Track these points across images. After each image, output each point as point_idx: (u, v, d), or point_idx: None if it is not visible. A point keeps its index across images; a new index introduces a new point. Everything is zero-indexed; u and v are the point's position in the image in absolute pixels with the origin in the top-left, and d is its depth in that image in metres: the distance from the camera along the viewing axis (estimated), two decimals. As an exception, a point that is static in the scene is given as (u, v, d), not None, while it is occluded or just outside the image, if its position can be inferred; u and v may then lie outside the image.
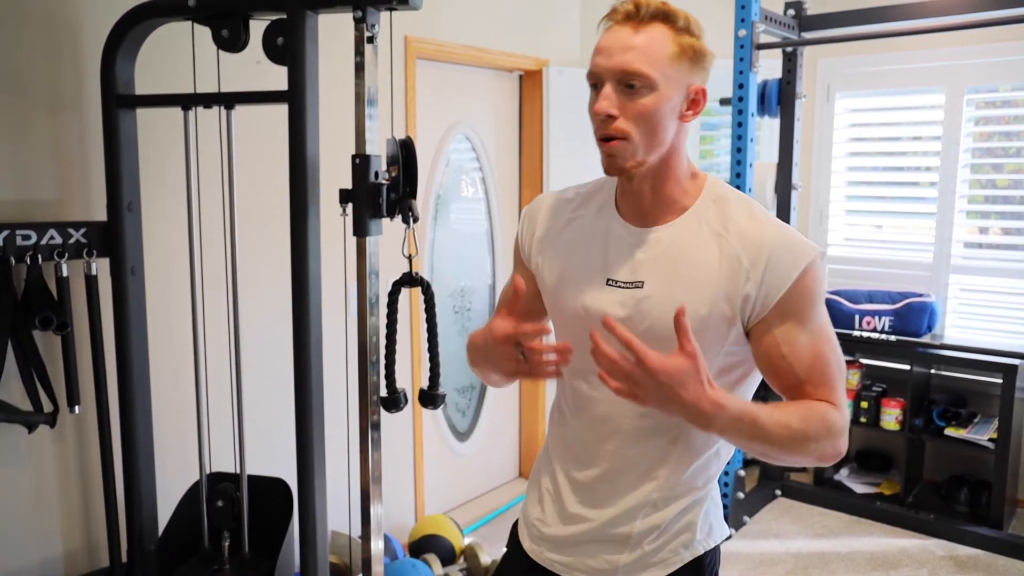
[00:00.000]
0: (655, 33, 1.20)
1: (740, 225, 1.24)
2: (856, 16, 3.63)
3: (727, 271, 1.22)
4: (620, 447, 1.31)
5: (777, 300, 1.20)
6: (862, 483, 4.04)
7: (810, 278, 1.21)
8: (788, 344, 1.21)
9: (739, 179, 3.51)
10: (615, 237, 1.31)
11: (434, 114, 3.48)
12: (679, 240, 1.26)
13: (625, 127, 1.21)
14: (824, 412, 1.19)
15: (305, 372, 1.95)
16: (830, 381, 1.22)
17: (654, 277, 1.26)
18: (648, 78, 1.19)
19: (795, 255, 1.20)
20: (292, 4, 1.86)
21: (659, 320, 1.23)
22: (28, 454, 2.16)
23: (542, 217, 1.42)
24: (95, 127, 2.14)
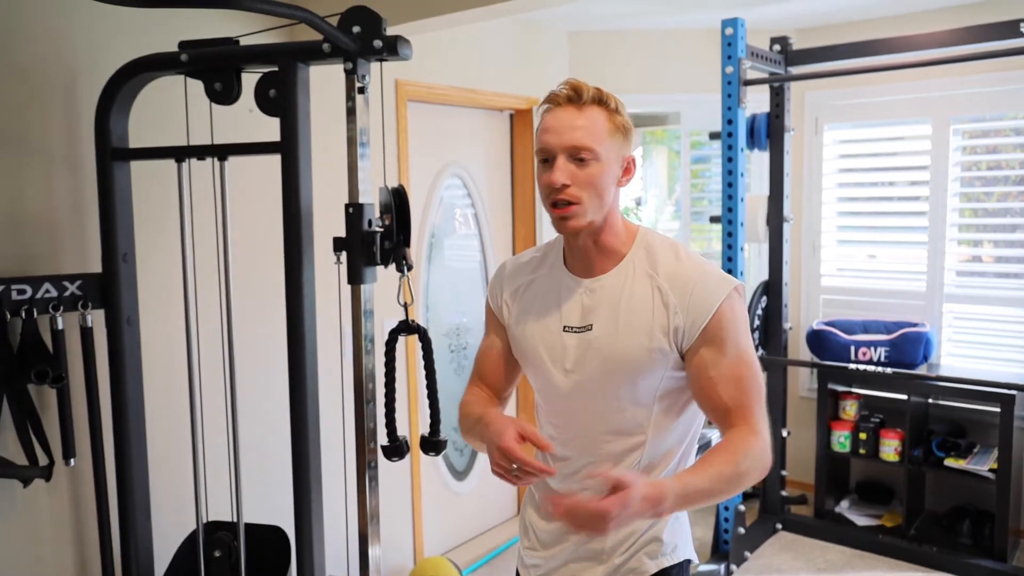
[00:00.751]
0: (594, 114, 1.41)
1: (667, 267, 1.44)
2: (841, 51, 3.68)
3: (659, 307, 1.42)
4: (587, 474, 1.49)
5: (702, 328, 1.39)
6: (863, 515, 4.02)
7: (730, 307, 1.41)
8: (713, 367, 1.40)
9: (731, 212, 3.53)
10: (566, 289, 1.51)
11: (426, 155, 3.52)
12: (618, 285, 1.46)
13: (577, 193, 1.40)
14: (747, 446, 1.37)
15: (301, 418, 1.95)
16: (750, 402, 1.40)
17: (600, 319, 1.46)
18: (594, 151, 1.39)
19: (714, 289, 1.41)
20: (284, 57, 1.88)
21: (610, 355, 1.43)
22: (23, 507, 2.14)
23: (507, 282, 1.63)
24: (90, 180, 2.15)
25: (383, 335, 2.00)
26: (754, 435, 1.38)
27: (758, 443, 1.38)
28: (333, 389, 2.26)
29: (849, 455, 3.98)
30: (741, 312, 1.43)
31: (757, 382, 1.42)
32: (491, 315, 1.66)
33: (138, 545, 2.17)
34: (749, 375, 1.41)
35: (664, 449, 1.48)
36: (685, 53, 4.28)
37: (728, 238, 3.55)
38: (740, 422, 1.39)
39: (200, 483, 2.18)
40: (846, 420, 4.00)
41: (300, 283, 1.92)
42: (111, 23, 2.27)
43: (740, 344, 1.42)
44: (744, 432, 1.38)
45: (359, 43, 1.84)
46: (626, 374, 1.42)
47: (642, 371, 1.42)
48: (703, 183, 4.53)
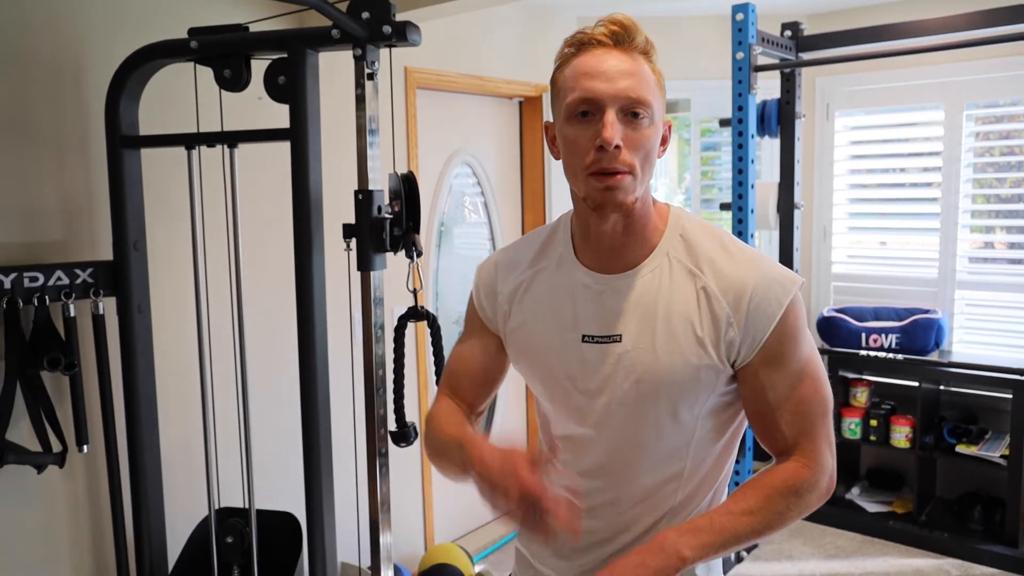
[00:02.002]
0: (641, 62, 1.12)
1: (716, 265, 1.16)
2: (853, 36, 3.65)
3: (707, 315, 1.14)
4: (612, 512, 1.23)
5: (761, 345, 1.13)
6: (874, 502, 4.01)
7: (793, 315, 1.15)
8: (772, 389, 1.15)
9: (741, 200, 3.52)
10: (581, 287, 1.21)
11: (436, 142, 3.51)
12: (652, 284, 1.17)
13: (631, 160, 1.10)
14: (783, 479, 1.13)
15: (312, 405, 1.96)
16: (812, 427, 1.16)
17: (631, 328, 1.16)
18: (651, 108, 1.10)
19: (777, 294, 1.14)
20: (293, 44, 1.88)
21: (646, 374, 1.15)
22: (37, 494, 2.16)
23: (502, 280, 1.30)
24: (100, 168, 2.16)
25: (392, 322, 2.00)
26: (807, 467, 1.15)
27: (810, 475, 1.14)
28: (343, 376, 2.26)
29: (860, 442, 3.97)
30: (802, 314, 1.17)
31: (821, 400, 1.17)
32: (475, 318, 1.35)
33: (151, 531, 2.19)
34: (812, 393, 1.16)
35: (702, 474, 1.23)
36: (695, 39, 4.26)
37: (739, 225, 3.54)
38: (796, 452, 1.16)
39: (212, 469, 2.20)
40: (857, 407, 3.98)
41: (310, 270, 1.93)
42: (120, 11, 2.27)
43: (803, 355, 1.16)
44: (793, 464, 1.15)
45: (368, 29, 1.84)
46: (667, 395, 1.15)
47: (687, 391, 1.15)
48: (713, 170, 4.51)
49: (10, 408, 2.00)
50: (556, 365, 1.22)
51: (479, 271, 1.36)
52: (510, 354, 1.31)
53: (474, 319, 1.36)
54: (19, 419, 2.06)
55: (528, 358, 1.27)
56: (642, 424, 1.18)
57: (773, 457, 1.19)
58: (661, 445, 1.19)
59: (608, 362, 1.17)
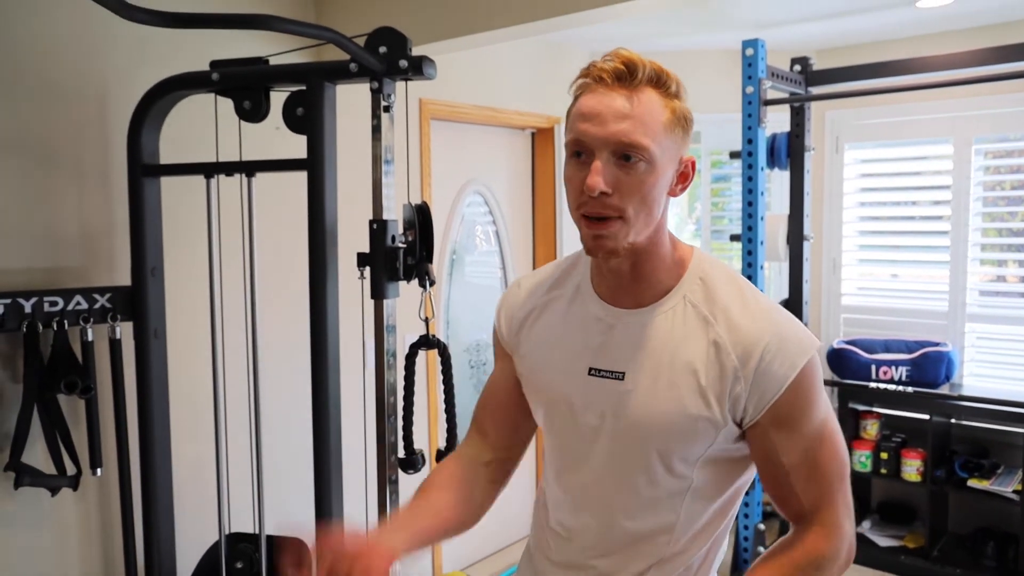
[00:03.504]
0: (649, 99, 1.07)
1: (731, 315, 1.12)
2: (862, 71, 3.69)
3: (714, 366, 1.10)
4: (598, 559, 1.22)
5: (771, 404, 1.09)
6: (885, 536, 3.98)
7: (807, 379, 1.10)
8: (785, 453, 1.11)
9: (751, 231, 3.54)
10: (593, 319, 1.19)
11: (448, 172, 3.56)
12: (663, 327, 1.14)
13: (620, 204, 1.07)
14: (804, 554, 1.11)
15: (324, 431, 1.98)
16: (829, 492, 1.13)
17: (635, 368, 1.14)
18: (647, 151, 1.06)
19: (791, 354, 1.09)
20: (312, 77, 1.93)
21: (642, 418, 1.13)
22: (50, 516, 2.18)
23: (519, 304, 1.29)
24: (120, 195, 2.21)
25: (404, 349, 2.02)
26: (826, 538, 1.11)
27: (829, 546, 1.11)
28: (355, 402, 2.28)
29: (870, 475, 3.94)
30: (818, 378, 1.12)
31: (839, 463, 1.13)
32: (498, 344, 1.34)
33: (161, 554, 2.20)
34: (829, 458, 1.12)
35: (697, 528, 1.19)
36: (705, 73, 4.31)
37: (748, 256, 3.56)
38: (814, 520, 1.12)
39: (223, 494, 2.21)
40: (867, 439, 3.96)
41: (324, 297, 1.96)
42: (143, 43, 2.33)
43: (817, 419, 1.12)
44: (812, 536, 1.12)
45: (385, 63, 1.89)
46: (661, 441, 1.13)
47: (681, 441, 1.12)
48: (723, 202, 4.54)
49: (27, 431, 2.03)
50: (560, 392, 1.21)
51: (506, 293, 1.35)
52: (522, 381, 1.29)
53: (497, 346, 1.35)
54: (35, 441, 2.08)
55: (535, 382, 1.26)
56: (633, 467, 1.16)
57: (789, 523, 1.16)
58: (652, 492, 1.16)
59: (609, 399, 1.16)
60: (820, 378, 1.13)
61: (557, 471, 1.25)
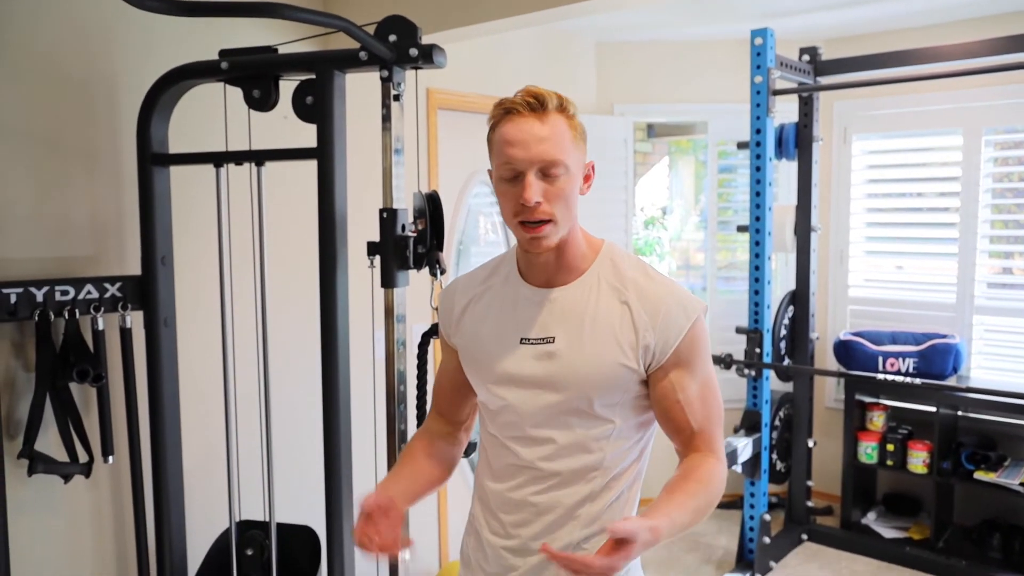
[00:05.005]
0: (556, 122, 1.31)
1: (638, 284, 1.38)
2: (871, 61, 3.68)
3: (627, 324, 1.35)
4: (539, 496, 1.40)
5: (673, 349, 1.35)
6: (890, 527, 3.99)
7: (698, 329, 1.37)
8: (682, 390, 1.36)
9: (758, 222, 3.54)
10: (523, 299, 1.42)
11: (455, 162, 3.55)
12: (582, 297, 1.38)
13: (549, 210, 1.31)
14: (711, 471, 1.35)
15: (334, 419, 1.99)
16: (712, 427, 1.39)
17: (562, 331, 1.37)
18: (564, 164, 1.31)
19: (686, 309, 1.36)
20: (321, 65, 1.93)
21: (573, 369, 1.35)
22: (63, 503, 2.19)
23: (457, 298, 1.52)
24: (130, 185, 2.21)
25: (414, 338, 2.03)
26: (719, 462, 1.38)
27: (721, 468, 1.37)
28: (365, 391, 2.29)
29: (876, 466, 3.95)
30: (706, 333, 1.40)
31: (720, 406, 1.41)
32: (442, 337, 1.58)
33: (172, 541, 2.22)
34: (713, 399, 1.40)
35: (621, 468, 1.41)
36: (713, 63, 4.30)
37: (755, 247, 3.56)
38: (704, 447, 1.37)
39: (233, 482, 2.23)
40: (873, 431, 3.97)
41: (334, 286, 1.96)
42: (152, 32, 2.33)
43: (707, 367, 1.40)
44: (711, 460, 1.37)
45: (395, 51, 1.89)
46: (589, 388, 1.35)
47: (607, 386, 1.35)
48: (729, 193, 4.53)
49: (40, 418, 2.04)
50: (496, 363, 1.42)
51: (444, 291, 1.58)
52: (460, 357, 1.50)
53: (442, 339, 1.57)
54: (47, 429, 2.09)
55: (474, 358, 1.46)
56: (566, 414, 1.37)
57: (679, 448, 1.40)
58: (584, 435, 1.37)
59: (541, 360, 1.38)
60: (706, 334, 1.40)
61: (494, 435, 1.45)
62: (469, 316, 1.49)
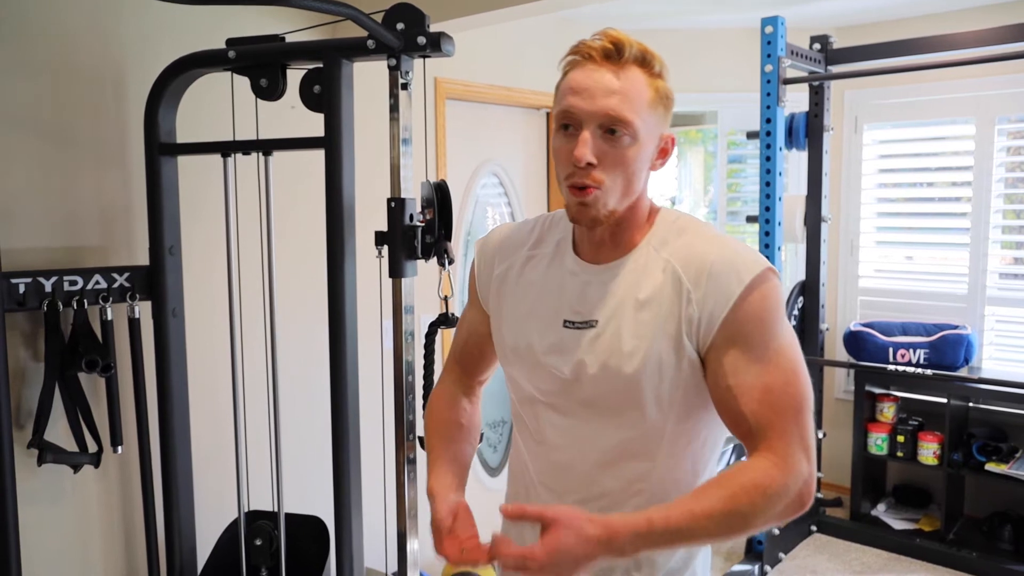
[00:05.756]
0: (634, 77, 1.13)
1: (683, 245, 1.17)
2: (882, 49, 3.64)
3: (671, 294, 1.14)
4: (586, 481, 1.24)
5: (721, 321, 1.11)
6: (900, 519, 3.97)
7: (758, 295, 1.11)
8: (734, 375, 1.11)
9: (768, 212, 3.51)
10: (570, 275, 1.25)
11: (463, 152, 3.54)
12: (630, 275, 1.19)
13: (601, 176, 1.13)
14: (754, 479, 1.07)
15: (342, 410, 1.98)
16: (780, 421, 1.09)
17: (606, 314, 1.19)
18: (632, 126, 1.12)
19: (738, 270, 1.11)
20: (328, 54, 1.92)
21: (613, 358, 1.16)
22: (73, 493, 2.20)
23: (500, 253, 1.35)
24: (138, 175, 2.21)
25: (422, 329, 2.02)
26: (777, 466, 1.07)
27: (780, 476, 1.07)
28: (373, 382, 2.29)
29: (886, 458, 3.93)
30: (774, 301, 1.13)
31: (793, 394, 1.11)
32: (473, 291, 1.41)
33: (181, 531, 2.22)
34: (782, 385, 1.10)
35: (675, 477, 1.20)
36: (723, 52, 4.26)
37: (765, 238, 3.53)
38: (764, 447, 1.09)
39: (242, 473, 2.23)
40: (883, 422, 3.95)
41: (342, 276, 1.95)
42: (160, 21, 2.32)
43: (771, 344, 1.11)
44: (764, 462, 1.08)
45: (403, 39, 1.87)
46: (632, 381, 1.15)
47: (652, 377, 1.14)
48: (739, 183, 4.50)
49: (49, 408, 2.05)
50: (537, 348, 1.24)
51: (482, 241, 1.40)
52: (494, 333, 1.34)
53: (472, 291, 1.41)
54: (56, 419, 2.10)
55: (509, 339, 1.29)
56: (609, 412, 1.18)
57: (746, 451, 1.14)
58: (629, 436, 1.18)
59: (581, 347, 1.19)
60: (776, 302, 1.14)
61: (529, 431, 1.30)
62: (511, 286, 1.31)
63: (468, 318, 1.44)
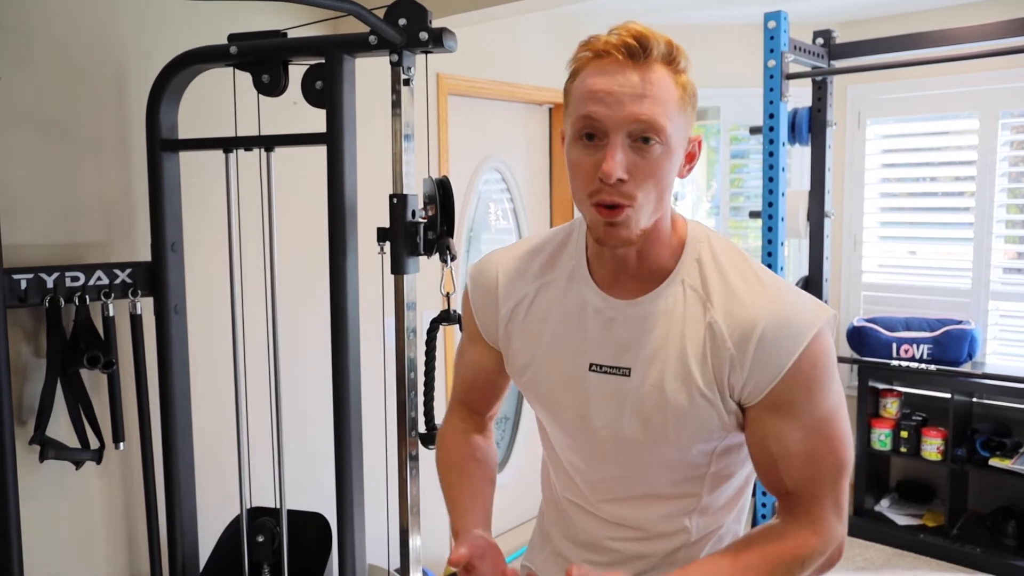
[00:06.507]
0: (661, 77, 0.99)
1: (727, 296, 1.04)
2: (885, 44, 3.62)
3: (712, 352, 1.03)
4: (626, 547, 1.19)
5: (767, 391, 1.01)
6: (904, 515, 3.96)
7: (809, 361, 1.00)
8: (777, 440, 1.03)
9: (771, 208, 3.50)
10: (593, 311, 1.11)
11: (466, 148, 3.53)
12: (664, 315, 1.06)
13: (634, 191, 0.99)
14: (793, 548, 1.03)
15: (344, 406, 1.98)
16: (818, 488, 1.04)
17: (641, 361, 1.07)
18: (664, 132, 0.98)
19: (791, 336, 1.00)
20: (330, 49, 1.91)
21: (654, 413, 1.07)
22: (74, 489, 2.20)
23: (503, 288, 1.20)
24: (140, 171, 2.20)
25: (423, 325, 2.02)
26: (816, 534, 1.03)
27: (819, 544, 1.03)
28: (375, 378, 2.29)
29: (890, 453, 3.92)
30: (824, 364, 1.02)
31: (834, 462, 1.04)
32: (472, 324, 1.27)
33: (184, 527, 2.22)
34: (824, 453, 1.03)
35: (718, 506, 1.16)
36: (725, 47, 4.25)
37: (768, 233, 3.52)
38: (801, 512, 1.04)
39: (244, 469, 2.23)
40: (887, 418, 3.94)
41: (344, 273, 1.95)
42: (161, 17, 2.31)
43: (818, 409, 1.03)
44: (803, 531, 1.03)
45: (405, 35, 1.86)
46: (676, 433, 1.06)
47: (697, 432, 1.06)
48: (741, 178, 4.49)
49: (51, 405, 2.05)
50: (563, 395, 1.14)
51: (476, 274, 1.25)
52: (512, 375, 1.24)
53: (471, 325, 1.28)
54: (58, 416, 2.10)
55: (534, 386, 1.18)
56: (650, 463, 1.11)
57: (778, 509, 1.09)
58: (671, 482, 1.12)
59: (616, 397, 1.09)
60: (827, 363, 1.03)
61: (567, 460, 1.22)
62: (522, 323, 1.18)
63: (469, 358, 1.31)
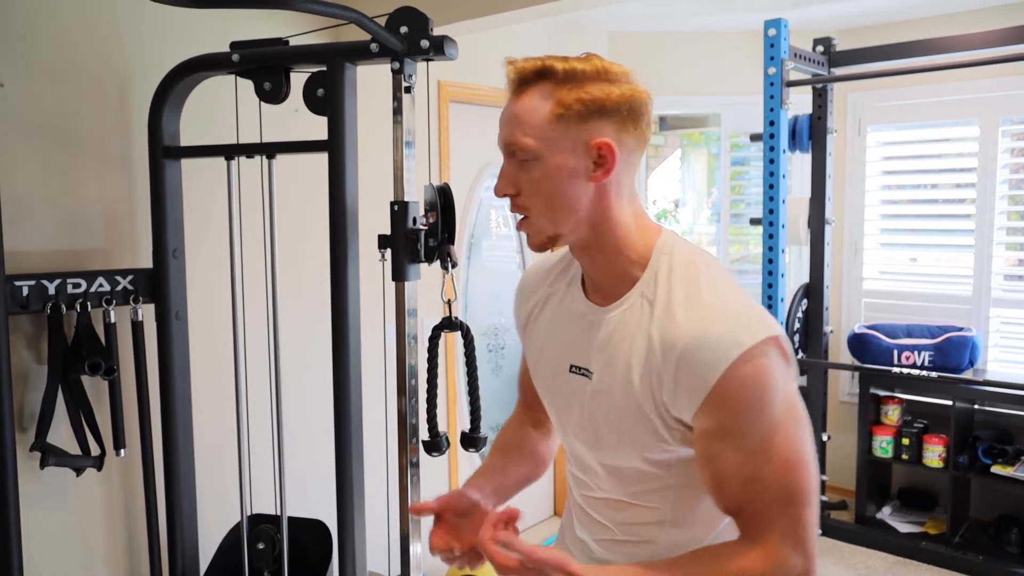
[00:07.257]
0: (532, 97, 1.06)
1: (666, 310, 1.04)
2: (885, 51, 3.63)
3: (648, 367, 1.04)
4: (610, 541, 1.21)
5: (697, 410, 1.00)
6: (906, 522, 3.95)
7: (737, 382, 0.97)
8: (714, 460, 1.01)
9: (772, 215, 3.51)
10: (579, 315, 1.17)
11: (467, 155, 3.54)
12: (623, 323, 1.09)
13: (524, 203, 1.09)
14: (739, 566, 0.99)
15: (345, 413, 1.98)
16: (765, 514, 0.99)
17: (599, 366, 1.12)
18: (528, 148, 1.05)
19: (713, 355, 0.97)
20: (332, 57, 1.92)
21: (605, 415, 1.10)
22: (75, 496, 2.20)
23: (528, 293, 1.30)
24: (142, 178, 2.21)
25: (424, 332, 2.02)
26: (762, 558, 0.99)
27: (761, 568, 0.99)
28: (376, 385, 2.28)
29: (891, 460, 3.92)
30: (758, 380, 0.97)
31: (781, 484, 0.99)
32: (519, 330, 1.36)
33: (184, 535, 2.22)
34: (769, 475, 0.99)
35: (691, 524, 1.13)
36: (726, 55, 4.26)
37: (769, 240, 3.53)
38: (750, 535, 1.01)
39: (245, 476, 2.22)
40: (888, 425, 3.93)
41: (345, 279, 1.95)
42: (163, 25, 2.32)
43: (756, 431, 0.98)
44: (748, 550, 1.00)
45: (406, 43, 1.87)
46: (628, 440, 1.09)
47: (634, 438, 1.08)
48: (742, 185, 4.50)
49: (52, 411, 2.05)
50: (553, 392, 1.22)
51: (520, 281, 1.37)
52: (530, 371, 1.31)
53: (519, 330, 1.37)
54: (59, 422, 2.10)
55: (538, 382, 1.27)
56: (615, 457, 1.13)
57: None
58: (639, 480, 1.12)
59: (579, 397, 1.15)
60: (761, 384, 0.98)
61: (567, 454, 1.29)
62: (532, 325, 1.28)
63: (522, 359, 1.41)
